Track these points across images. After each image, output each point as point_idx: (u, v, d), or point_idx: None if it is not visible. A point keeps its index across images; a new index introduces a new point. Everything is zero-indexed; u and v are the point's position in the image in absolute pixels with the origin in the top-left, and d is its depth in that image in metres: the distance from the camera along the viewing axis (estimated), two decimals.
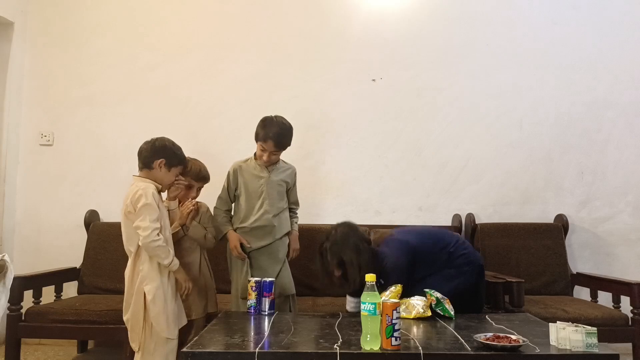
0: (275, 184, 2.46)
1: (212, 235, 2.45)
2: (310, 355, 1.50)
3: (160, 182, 2.17)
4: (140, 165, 2.19)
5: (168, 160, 2.17)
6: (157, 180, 2.16)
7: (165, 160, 2.16)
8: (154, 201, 2.06)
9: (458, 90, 3.36)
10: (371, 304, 1.53)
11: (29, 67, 3.47)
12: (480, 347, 1.52)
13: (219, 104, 3.39)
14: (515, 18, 3.40)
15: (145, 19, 3.48)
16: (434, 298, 2.00)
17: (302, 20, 3.43)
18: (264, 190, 2.42)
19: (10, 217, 3.34)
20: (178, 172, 2.25)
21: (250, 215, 2.43)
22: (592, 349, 1.50)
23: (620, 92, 3.32)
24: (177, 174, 2.25)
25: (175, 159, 2.21)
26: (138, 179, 2.16)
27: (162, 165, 2.16)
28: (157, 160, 2.15)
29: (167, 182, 2.21)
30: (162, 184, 2.18)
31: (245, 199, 2.45)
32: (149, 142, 2.20)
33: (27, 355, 3.02)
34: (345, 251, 2.12)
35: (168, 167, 2.18)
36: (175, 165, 2.21)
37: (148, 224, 2.02)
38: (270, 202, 2.43)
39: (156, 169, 2.16)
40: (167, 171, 2.18)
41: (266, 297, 2.07)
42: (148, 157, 2.16)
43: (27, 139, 3.43)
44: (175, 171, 2.23)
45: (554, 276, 3.03)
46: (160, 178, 2.17)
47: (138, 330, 2.06)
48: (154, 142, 2.19)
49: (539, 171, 3.31)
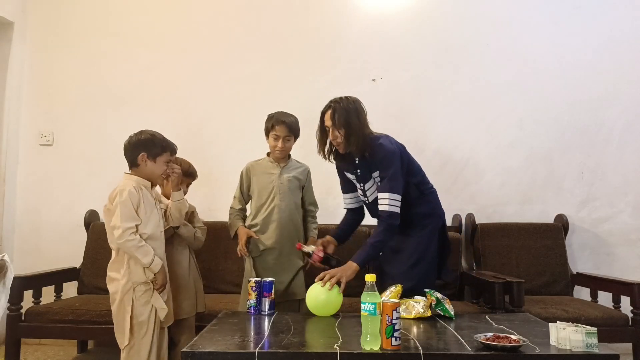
0: (286, 180, 2.44)
1: (200, 234, 2.45)
2: (310, 355, 1.50)
3: (150, 176, 2.16)
4: (129, 164, 2.18)
5: (149, 151, 2.14)
6: (146, 175, 2.15)
7: (146, 153, 2.13)
8: (129, 199, 2.04)
9: (458, 90, 3.36)
10: (371, 304, 1.53)
11: (29, 67, 3.47)
12: (481, 347, 1.52)
13: (219, 104, 3.39)
14: (516, 18, 3.40)
15: (145, 19, 3.48)
16: (434, 298, 2.00)
17: (302, 20, 3.43)
18: (275, 185, 2.41)
19: (10, 217, 3.35)
20: (166, 159, 2.18)
21: (261, 211, 2.42)
22: (592, 349, 1.50)
23: (620, 92, 3.32)
24: (166, 161, 2.18)
25: (156, 147, 2.15)
26: (126, 177, 2.15)
27: (145, 159, 2.13)
28: (139, 155, 2.13)
29: (158, 173, 2.18)
30: (153, 178, 2.17)
31: (257, 196, 2.45)
32: (127, 140, 2.17)
33: (27, 355, 3.02)
34: (353, 112, 2.14)
35: (152, 158, 2.14)
36: (160, 154, 2.16)
37: (120, 223, 2.01)
38: (281, 197, 2.41)
39: (142, 164, 2.14)
40: (152, 163, 2.15)
41: (266, 297, 2.06)
42: (131, 155, 2.15)
43: (27, 139, 3.43)
44: (162, 159, 2.17)
45: (554, 276, 3.03)
46: (149, 172, 2.15)
47: (123, 327, 2.07)
48: (130, 139, 2.17)
49: (539, 171, 3.31)
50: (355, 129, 2.14)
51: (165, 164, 2.18)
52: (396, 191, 2.11)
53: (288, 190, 2.44)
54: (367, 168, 2.22)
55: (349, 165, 2.28)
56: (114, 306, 2.10)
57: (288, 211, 2.43)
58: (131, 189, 2.06)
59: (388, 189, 2.11)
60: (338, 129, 2.14)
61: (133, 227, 2.03)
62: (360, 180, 2.27)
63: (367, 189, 2.26)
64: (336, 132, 2.15)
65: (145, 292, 2.08)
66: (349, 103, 2.16)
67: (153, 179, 2.19)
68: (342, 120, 2.13)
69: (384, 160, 2.15)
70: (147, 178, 2.17)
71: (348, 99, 2.18)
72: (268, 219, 2.41)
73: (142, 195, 2.10)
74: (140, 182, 2.13)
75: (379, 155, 2.16)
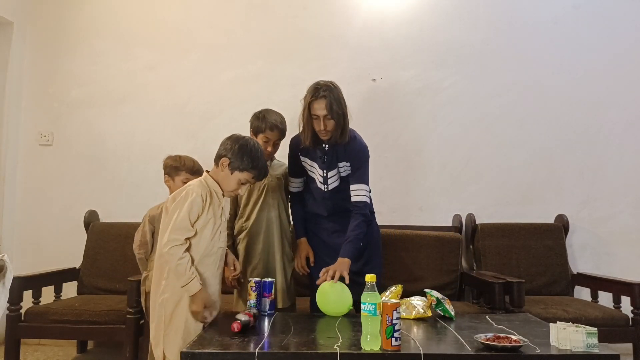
0: (275, 179, 2.41)
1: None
2: (310, 355, 1.49)
3: (221, 185, 2.00)
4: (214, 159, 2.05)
5: (232, 161, 1.98)
6: (219, 182, 2.00)
7: (229, 160, 1.98)
8: (191, 206, 1.87)
9: (458, 90, 3.36)
10: (371, 305, 1.53)
11: (29, 67, 3.47)
12: (481, 347, 1.52)
13: (219, 104, 3.39)
14: (515, 18, 3.40)
15: (144, 19, 3.48)
16: (434, 298, 2.00)
17: (302, 20, 3.43)
18: (265, 183, 2.37)
19: (10, 217, 3.34)
20: (244, 178, 2.00)
21: (253, 210, 2.38)
22: (592, 349, 1.50)
23: (620, 92, 3.32)
24: (241, 180, 2.00)
25: (242, 162, 1.97)
26: (203, 176, 2.04)
27: (225, 166, 1.97)
28: (222, 157, 1.99)
29: (227, 190, 2.02)
30: (223, 188, 2.01)
31: (247, 196, 2.40)
32: (228, 137, 2.04)
33: (27, 355, 3.02)
34: (343, 102, 2.20)
35: (231, 170, 1.97)
36: (239, 169, 1.98)
37: (168, 230, 1.84)
38: (273, 196, 2.38)
39: (220, 167, 1.99)
40: (229, 174, 1.98)
41: (266, 297, 2.06)
42: (218, 151, 2.02)
43: (27, 139, 3.43)
44: (238, 177, 1.99)
45: (555, 276, 3.02)
46: (222, 181, 2.00)
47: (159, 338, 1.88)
48: (228, 139, 2.03)
49: (539, 171, 3.31)
50: (346, 121, 2.20)
51: (238, 183, 1.99)
52: (369, 183, 2.26)
53: (277, 187, 2.41)
54: (334, 156, 2.26)
55: (316, 151, 2.29)
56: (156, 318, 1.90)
57: (278, 209, 2.40)
58: (198, 196, 1.88)
59: (365, 181, 2.25)
60: (331, 119, 2.17)
61: (181, 240, 1.84)
62: (324, 167, 2.28)
63: (330, 177, 2.28)
64: (327, 122, 2.17)
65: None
66: (338, 92, 2.20)
67: (223, 189, 2.01)
68: (338, 112, 2.16)
69: (359, 153, 2.26)
70: (219, 185, 2.00)
71: (335, 88, 2.21)
72: (260, 217, 2.35)
73: (208, 203, 1.92)
74: (212, 187, 1.97)
75: (355, 148, 2.25)
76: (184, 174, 2.37)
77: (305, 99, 2.20)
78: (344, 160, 2.25)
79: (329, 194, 2.30)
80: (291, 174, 2.41)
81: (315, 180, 2.32)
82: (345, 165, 2.26)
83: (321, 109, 2.15)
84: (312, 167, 2.32)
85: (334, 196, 2.28)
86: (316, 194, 2.34)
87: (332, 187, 2.28)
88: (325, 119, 2.16)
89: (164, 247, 1.83)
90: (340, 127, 2.18)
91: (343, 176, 2.29)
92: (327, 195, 2.30)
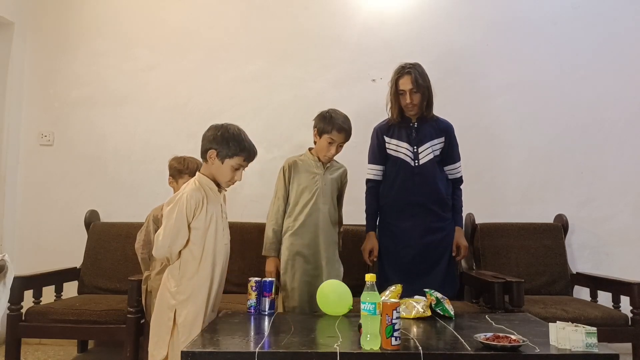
0: (329, 181, 2.39)
1: None
2: (310, 355, 1.49)
3: (215, 178, 2.00)
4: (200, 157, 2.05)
5: (219, 150, 1.97)
6: (212, 177, 1.99)
7: (215, 150, 1.97)
8: (183, 210, 1.88)
9: (458, 90, 3.36)
10: (371, 304, 1.53)
11: (29, 67, 3.47)
12: (480, 347, 1.52)
13: (219, 104, 3.39)
14: (515, 18, 3.40)
15: (144, 19, 3.48)
16: (433, 298, 2.00)
17: (302, 20, 3.43)
18: (319, 186, 2.34)
19: (11, 217, 3.35)
20: (236, 164, 1.97)
21: (302, 211, 2.33)
22: (591, 349, 1.50)
23: (620, 92, 3.32)
24: (235, 166, 1.98)
25: (229, 148, 1.95)
26: (196, 176, 2.03)
27: (214, 157, 1.96)
28: (208, 150, 1.98)
29: (222, 180, 2.00)
30: (218, 181, 2.00)
31: (296, 195, 2.36)
32: (207, 129, 2.02)
33: (27, 355, 3.02)
34: (427, 77, 2.41)
35: (221, 159, 1.96)
36: (229, 156, 1.95)
37: (161, 236, 1.90)
38: (324, 200, 2.35)
39: (209, 161, 1.97)
40: (220, 164, 1.96)
41: (266, 297, 2.06)
42: (202, 147, 2.01)
43: (27, 139, 3.44)
44: (230, 163, 1.96)
45: (554, 276, 3.03)
46: (215, 173, 1.99)
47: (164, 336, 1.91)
48: (208, 130, 2.02)
49: (539, 171, 3.31)
50: (431, 94, 2.41)
51: (232, 170, 1.96)
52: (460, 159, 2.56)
53: (330, 192, 2.38)
54: (423, 133, 2.45)
55: (401, 130, 2.44)
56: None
57: (328, 214, 2.37)
58: (191, 198, 1.87)
59: (459, 158, 2.54)
60: (417, 92, 2.33)
61: (169, 247, 1.88)
62: (414, 143, 2.44)
63: (421, 152, 2.44)
64: (413, 96, 2.35)
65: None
66: (422, 69, 2.40)
67: (219, 182, 1.99)
68: (423, 85, 2.36)
69: (451, 128, 2.49)
70: (213, 179, 1.98)
71: (420, 66, 2.40)
72: (308, 220, 2.32)
73: (205, 203, 1.91)
74: (206, 184, 1.96)
75: (444, 124, 2.49)
76: (186, 177, 2.37)
77: (392, 78, 2.41)
78: (437, 137, 2.46)
79: (419, 169, 2.43)
80: (372, 161, 2.51)
81: (401, 159, 2.46)
82: (439, 142, 2.47)
83: (407, 84, 2.35)
84: (398, 147, 2.46)
85: (424, 171, 2.44)
86: (404, 172, 2.45)
87: (422, 162, 2.44)
88: (411, 93, 2.34)
89: (156, 252, 1.92)
90: (425, 99, 2.38)
91: (436, 153, 2.47)
92: (417, 171, 2.43)
